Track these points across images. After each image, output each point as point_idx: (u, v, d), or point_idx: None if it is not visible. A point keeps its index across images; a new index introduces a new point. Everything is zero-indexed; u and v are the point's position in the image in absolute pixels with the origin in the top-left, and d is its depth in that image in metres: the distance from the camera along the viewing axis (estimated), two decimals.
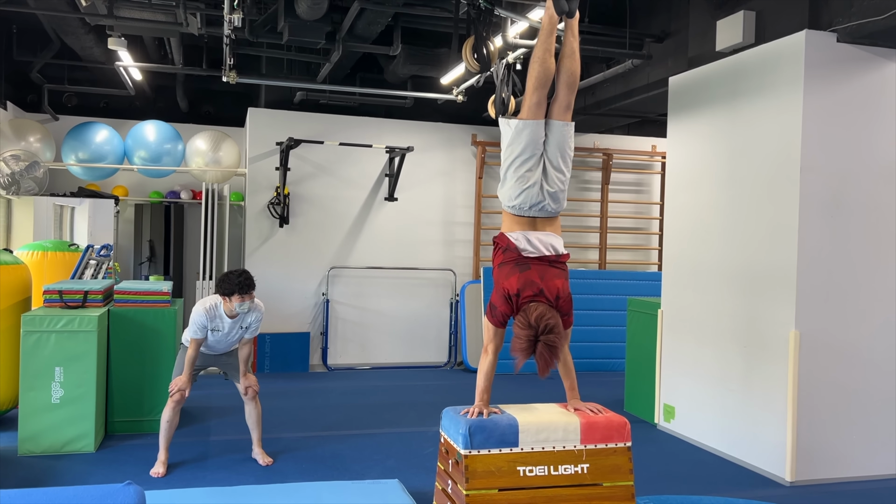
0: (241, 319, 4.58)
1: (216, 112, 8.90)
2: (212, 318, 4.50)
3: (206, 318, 4.47)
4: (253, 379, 4.72)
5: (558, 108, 3.37)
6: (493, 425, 3.13)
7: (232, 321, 4.55)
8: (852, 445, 4.68)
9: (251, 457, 4.76)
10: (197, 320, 4.48)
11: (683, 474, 4.77)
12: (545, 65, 3.31)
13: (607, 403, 3.82)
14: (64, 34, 6.22)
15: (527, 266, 3.25)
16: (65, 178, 8.05)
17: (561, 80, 3.37)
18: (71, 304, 5.09)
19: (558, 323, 3.09)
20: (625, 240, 9.16)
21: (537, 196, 3.31)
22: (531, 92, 3.32)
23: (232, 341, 4.66)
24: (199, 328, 4.48)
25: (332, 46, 6.26)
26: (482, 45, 5.03)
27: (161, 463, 4.48)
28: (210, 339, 4.56)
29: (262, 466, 4.62)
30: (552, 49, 3.36)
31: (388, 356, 8.29)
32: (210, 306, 4.50)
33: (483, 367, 3.33)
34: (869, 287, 4.71)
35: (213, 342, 4.59)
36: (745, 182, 5.04)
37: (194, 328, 4.49)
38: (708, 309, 5.37)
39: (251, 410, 4.73)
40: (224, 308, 4.49)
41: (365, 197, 8.24)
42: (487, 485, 3.06)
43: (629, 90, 6.72)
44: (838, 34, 4.57)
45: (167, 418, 4.52)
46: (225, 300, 4.47)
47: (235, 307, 4.45)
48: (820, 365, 4.60)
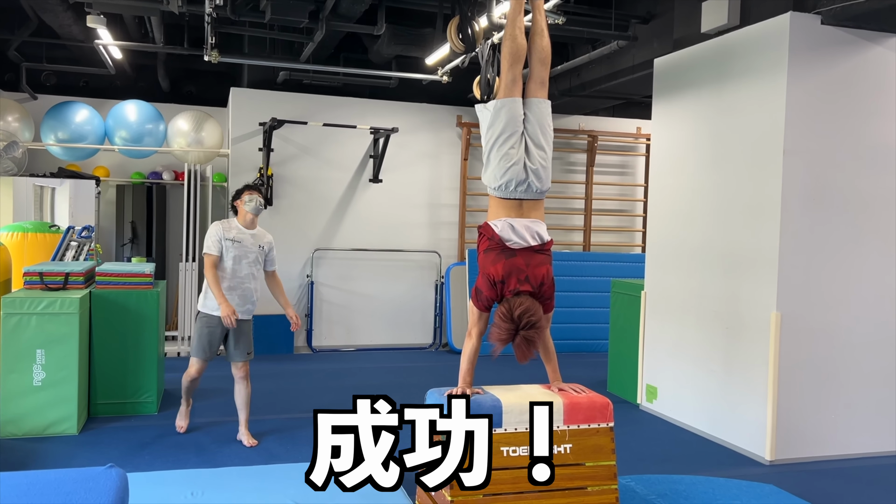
0: (259, 237, 4.67)
1: (198, 92, 8.79)
2: (227, 228, 4.58)
3: (220, 229, 4.57)
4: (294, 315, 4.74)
5: (533, 84, 3.47)
6: (477, 406, 3.14)
7: (251, 235, 4.63)
8: (830, 425, 4.75)
9: (236, 438, 4.76)
10: (212, 234, 4.55)
11: (665, 454, 4.83)
12: (516, 42, 3.43)
13: (590, 384, 3.85)
14: (41, 11, 6.10)
15: (512, 253, 3.28)
16: (44, 159, 7.94)
17: (533, 57, 3.50)
18: (52, 286, 5.03)
19: (540, 319, 3.15)
20: (609, 222, 9.18)
21: (522, 173, 3.34)
22: (506, 70, 3.41)
23: (252, 259, 4.63)
24: (214, 241, 4.52)
25: (315, 25, 6.18)
26: (467, 25, 5.00)
27: (183, 416, 4.91)
28: (232, 252, 4.54)
29: (248, 448, 4.62)
30: (522, 27, 3.47)
31: (373, 338, 8.29)
32: (221, 221, 4.64)
33: (467, 350, 3.35)
34: (849, 270, 4.76)
35: (236, 256, 4.55)
36: (728, 165, 5.06)
37: (209, 242, 4.53)
38: (690, 291, 5.41)
39: (241, 390, 4.73)
40: (238, 220, 4.63)
41: (349, 178, 8.20)
42: None
43: (614, 72, 6.71)
44: (822, 16, 4.57)
45: (188, 384, 4.77)
46: (239, 205, 4.60)
47: (246, 207, 4.58)
48: (800, 346, 4.66)
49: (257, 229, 4.71)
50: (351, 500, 3.65)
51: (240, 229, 4.62)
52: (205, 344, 4.62)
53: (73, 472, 1.82)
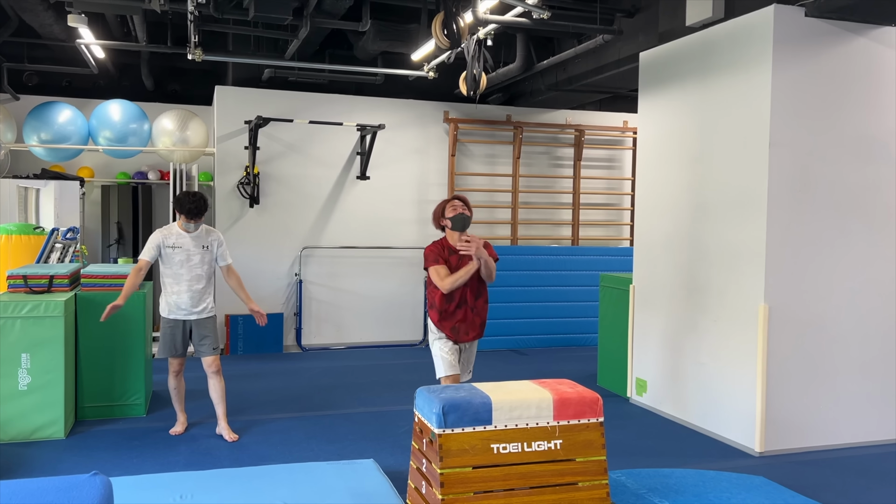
0: (202, 238, 4.76)
1: (183, 90, 8.71)
2: (166, 235, 4.70)
3: (159, 237, 4.69)
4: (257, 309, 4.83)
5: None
6: (467, 404, 3.13)
7: (192, 238, 4.72)
8: (819, 416, 4.78)
9: (216, 433, 4.81)
10: (151, 241, 4.70)
11: (655, 447, 4.84)
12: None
13: (580, 378, 3.86)
14: (22, 11, 6.02)
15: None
16: (28, 160, 7.86)
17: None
18: (36, 289, 4.99)
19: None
20: (597, 216, 9.19)
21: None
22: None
23: (196, 262, 4.73)
24: (151, 247, 4.68)
25: (299, 22, 6.15)
26: (452, 20, 4.97)
27: (180, 423, 4.94)
28: (175, 258, 4.68)
29: (237, 450, 4.59)
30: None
31: (362, 335, 8.27)
32: (163, 228, 4.76)
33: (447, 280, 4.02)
34: (836, 261, 4.78)
35: (180, 261, 4.69)
36: (715, 157, 5.07)
37: (146, 248, 4.70)
38: (679, 284, 5.43)
39: (215, 384, 4.80)
40: (178, 226, 4.72)
41: (337, 176, 8.16)
42: (462, 463, 3.07)
43: (600, 66, 6.71)
44: (806, 8, 4.58)
45: (172, 386, 4.86)
46: (180, 218, 4.71)
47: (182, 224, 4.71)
48: (788, 338, 4.68)
49: (200, 230, 4.77)
50: (342, 500, 3.64)
51: (179, 234, 4.71)
52: (168, 342, 4.77)
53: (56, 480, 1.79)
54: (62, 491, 1.69)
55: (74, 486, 1.73)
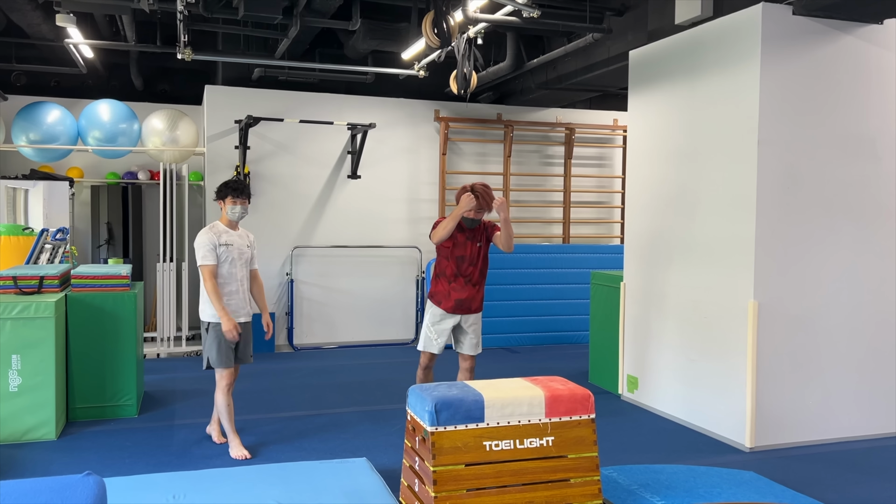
0: (244, 236, 4.56)
1: (172, 90, 8.69)
2: (217, 233, 4.40)
3: (211, 236, 4.37)
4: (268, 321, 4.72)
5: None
6: (459, 402, 3.15)
7: (238, 236, 4.50)
8: (808, 411, 4.82)
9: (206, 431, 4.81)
10: (203, 242, 4.35)
11: (646, 444, 4.87)
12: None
13: (572, 375, 3.87)
14: (9, 10, 5.99)
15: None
16: (16, 160, 7.82)
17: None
18: (26, 290, 4.97)
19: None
20: (588, 214, 9.23)
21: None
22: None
23: (245, 259, 4.51)
24: (208, 249, 4.33)
25: (289, 21, 6.14)
26: (442, 19, 4.98)
27: (237, 446, 4.45)
28: (229, 256, 4.39)
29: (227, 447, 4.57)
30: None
31: (354, 335, 8.27)
32: (207, 228, 4.45)
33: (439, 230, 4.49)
34: (824, 257, 4.82)
35: (233, 259, 4.41)
36: (704, 155, 5.10)
37: (203, 251, 4.34)
38: (669, 281, 5.46)
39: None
40: (222, 223, 4.49)
41: (327, 175, 8.16)
42: (454, 460, 3.09)
43: (590, 64, 6.73)
44: (794, 7, 4.61)
45: (225, 403, 4.46)
46: (222, 206, 4.48)
47: (229, 215, 4.46)
48: (777, 334, 4.71)
49: (241, 228, 4.62)
50: (335, 499, 3.65)
51: (227, 231, 4.47)
52: (225, 351, 4.42)
53: (48, 480, 1.79)
54: (55, 491, 1.70)
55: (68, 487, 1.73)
